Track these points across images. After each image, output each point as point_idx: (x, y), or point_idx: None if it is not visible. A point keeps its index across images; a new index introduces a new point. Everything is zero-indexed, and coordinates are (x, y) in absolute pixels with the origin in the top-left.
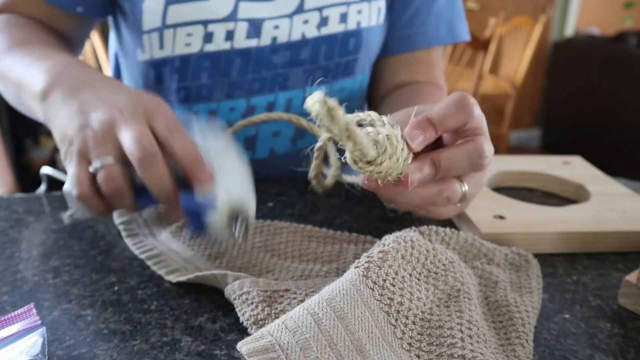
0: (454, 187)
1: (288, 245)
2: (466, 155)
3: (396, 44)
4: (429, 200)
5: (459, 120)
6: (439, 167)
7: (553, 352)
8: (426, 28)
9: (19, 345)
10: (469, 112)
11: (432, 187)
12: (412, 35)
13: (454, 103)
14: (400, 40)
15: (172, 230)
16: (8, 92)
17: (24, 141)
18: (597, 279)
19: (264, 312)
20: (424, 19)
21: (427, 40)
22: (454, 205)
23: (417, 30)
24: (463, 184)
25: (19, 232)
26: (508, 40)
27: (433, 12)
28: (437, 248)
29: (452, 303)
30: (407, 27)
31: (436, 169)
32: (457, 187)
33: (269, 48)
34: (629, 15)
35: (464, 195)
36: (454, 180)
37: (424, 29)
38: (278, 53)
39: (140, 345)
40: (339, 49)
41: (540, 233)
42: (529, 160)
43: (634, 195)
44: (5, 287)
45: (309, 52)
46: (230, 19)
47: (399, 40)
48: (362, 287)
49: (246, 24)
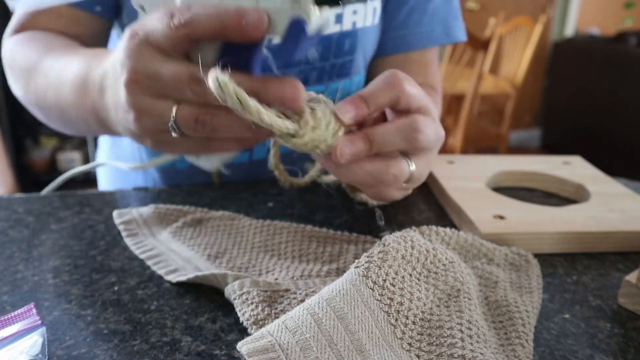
0: (401, 165)
1: (288, 245)
2: (398, 130)
3: (391, 44)
4: (376, 177)
5: (390, 96)
6: (372, 141)
7: (553, 352)
8: (421, 28)
9: (19, 345)
10: (399, 88)
11: (377, 163)
12: (407, 36)
13: (384, 79)
14: (395, 41)
15: (172, 230)
16: (47, 108)
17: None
18: (597, 279)
19: (264, 312)
20: (418, 19)
21: (422, 41)
22: (401, 185)
23: (412, 30)
24: (411, 163)
25: (19, 232)
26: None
27: (428, 12)
28: (437, 248)
29: (452, 303)
30: (402, 27)
31: (370, 144)
32: (405, 166)
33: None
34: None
35: (412, 175)
36: (401, 158)
37: (419, 29)
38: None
39: (140, 345)
40: (335, 50)
41: (540, 233)
42: (529, 160)
43: (634, 195)
44: (5, 287)
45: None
46: None
47: (393, 40)
48: (362, 287)
49: None
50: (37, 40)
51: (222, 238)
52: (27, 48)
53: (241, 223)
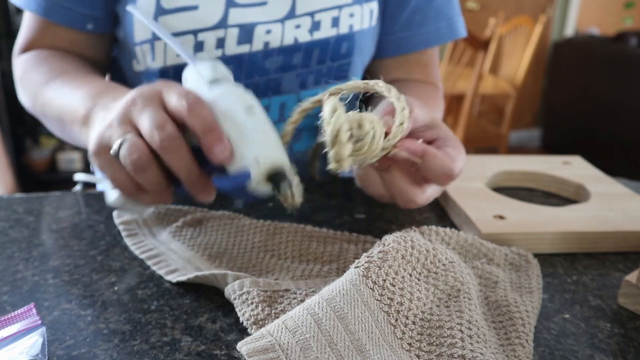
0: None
1: (288, 245)
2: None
3: (393, 45)
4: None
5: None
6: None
7: (553, 352)
8: (426, 28)
9: (19, 345)
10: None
11: (412, 188)
12: (411, 37)
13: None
14: (398, 42)
15: (172, 230)
16: (51, 124)
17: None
18: (597, 279)
19: (264, 312)
20: (422, 19)
21: (427, 41)
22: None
23: (416, 31)
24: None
25: (19, 232)
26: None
27: (432, 10)
28: (437, 248)
29: (452, 303)
30: (404, 28)
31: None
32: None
33: (262, 53)
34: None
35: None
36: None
37: (425, 30)
38: (270, 58)
39: (140, 345)
40: (332, 53)
41: (540, 233)
42: (529, 160)
43: (634, 195)
44: (5, 287)
45: (302, 56)
46: (221, 26)
47: (396, 42)
48: (362, 287)
49: (237, 30)
50: (45, 63)
51: (222, 238)
52: (37, 70)
53: (241, 223)
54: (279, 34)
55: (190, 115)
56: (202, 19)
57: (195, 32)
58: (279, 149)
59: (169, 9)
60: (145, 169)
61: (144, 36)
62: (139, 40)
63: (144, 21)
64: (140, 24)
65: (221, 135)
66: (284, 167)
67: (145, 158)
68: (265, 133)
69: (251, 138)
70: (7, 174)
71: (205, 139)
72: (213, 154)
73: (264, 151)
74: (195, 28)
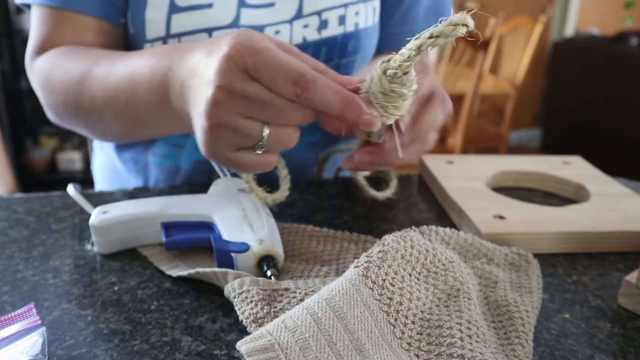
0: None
1: (288, 245)
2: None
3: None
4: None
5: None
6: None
7: (553, 352)
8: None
9: (19, 345)
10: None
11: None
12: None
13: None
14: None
15: None
16: (116, 119)
17: (24, 141)
18: (597, 279)
19: (263, 310)
20: (414, 16)
21: None
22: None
23: (409, 28)
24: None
25: (19, 232)
26: (508, 40)
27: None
28: (437, 248)
29: (451, 303)
30: (399, 24)
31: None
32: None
33: None
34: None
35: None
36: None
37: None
38: None
39: (140, 345)
40: (339, 51)
41: (540, 233)
42: (529, 160)
43: (634, 195)
44: (5, 287)
45: (310, 54)
46: (233, 25)
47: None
48: (361, 286)
49: None
50: (76, 53)
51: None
52: (69, 61)
53: None
54: (287, 34)
55: (317, 101)
56: (216, 18)
57: (209, 30)
58: (278, 242)
59: (183, 6)
60: (293, 141)
61: (157, 34)
62: (150, 38)
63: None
64: (153, 21)
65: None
66: (278, 257)
67: (295, 135)
68: (272, 225)
69: (261, 223)
70: (7, 174)
71: (348, 113)
72: (359, 125)
73: (269, 238)
74: (209, 27)
